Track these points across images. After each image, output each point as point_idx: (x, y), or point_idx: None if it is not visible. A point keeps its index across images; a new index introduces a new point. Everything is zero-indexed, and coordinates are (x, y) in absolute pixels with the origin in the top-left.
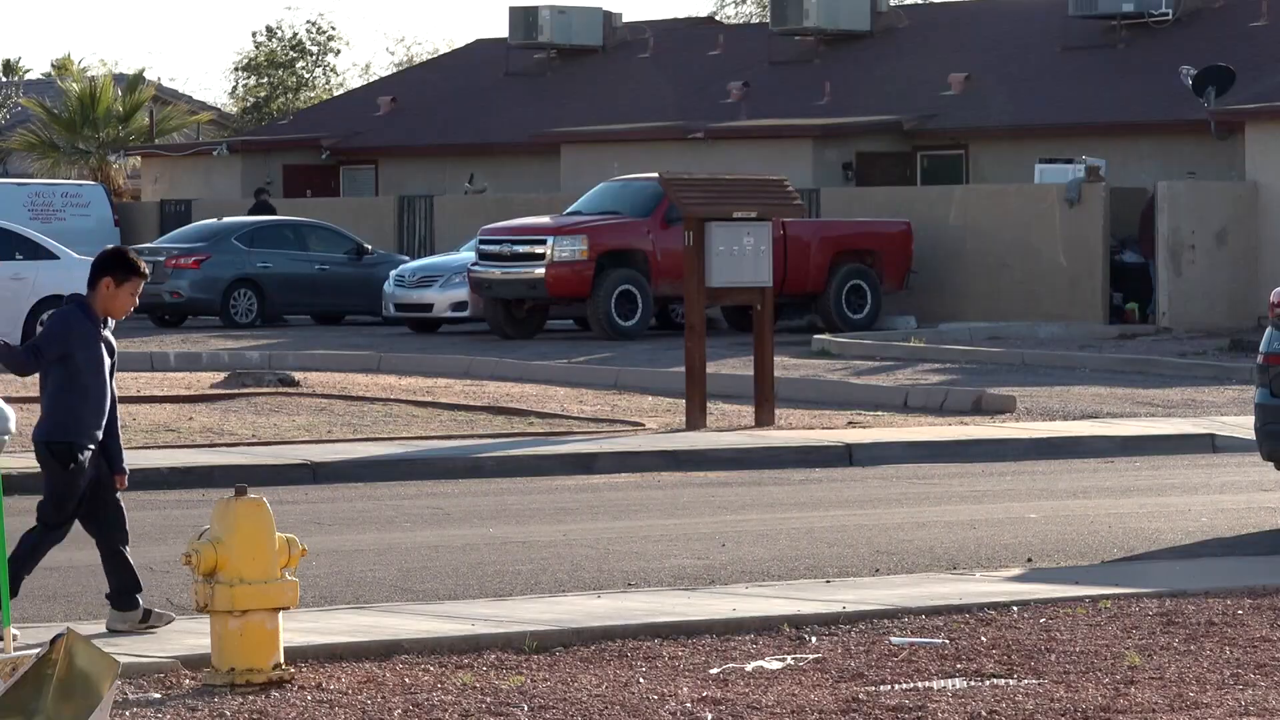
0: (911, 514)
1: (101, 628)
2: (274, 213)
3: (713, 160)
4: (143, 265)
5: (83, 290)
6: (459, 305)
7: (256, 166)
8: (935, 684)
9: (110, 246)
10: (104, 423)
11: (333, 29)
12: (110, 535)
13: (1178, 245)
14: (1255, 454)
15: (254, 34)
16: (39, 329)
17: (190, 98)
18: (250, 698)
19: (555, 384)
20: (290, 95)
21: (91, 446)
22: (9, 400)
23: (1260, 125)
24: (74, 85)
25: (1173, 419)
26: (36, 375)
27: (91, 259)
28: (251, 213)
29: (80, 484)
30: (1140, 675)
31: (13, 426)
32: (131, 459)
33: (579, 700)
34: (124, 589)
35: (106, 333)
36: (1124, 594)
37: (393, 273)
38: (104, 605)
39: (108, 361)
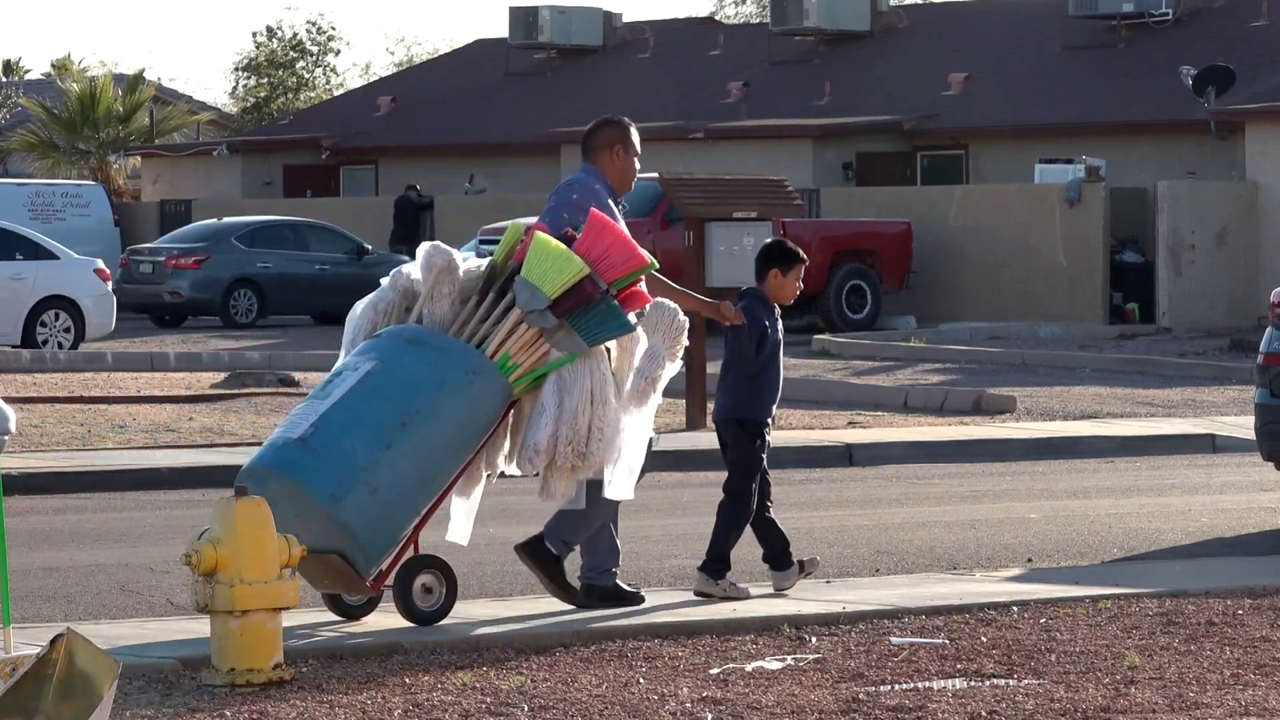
0: (911, 514)
1: (101, 627)
2: (425, 209)
3: (713, 160)
4: (800, 252)
5: (80, 290)
6: None
7: (256, 166)
8: (935, 684)
9: (771, 239)
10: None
11: (333, 29)
12: (762, 503)
13: (1178, 245)
14: (1255, 454)
15: (254, 34)
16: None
17: (190, 98)
18: (250, 698)
19: None
20: (290, 95)
21: (771, 422)
22: (9, 400)
23: (1260, 125)
24: (74, 85)
25: (1173, 419)
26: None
27: (91, 259)
28: (398, 208)
29: (764, 458)
30: (1140, 675)
31: (13, 426)
32: (131, 459)
33: (579, 700)
34: (779, 551)
35: (778, 319)
36: (1124, 594)
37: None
38: (104, 605)
39: (781, 346)
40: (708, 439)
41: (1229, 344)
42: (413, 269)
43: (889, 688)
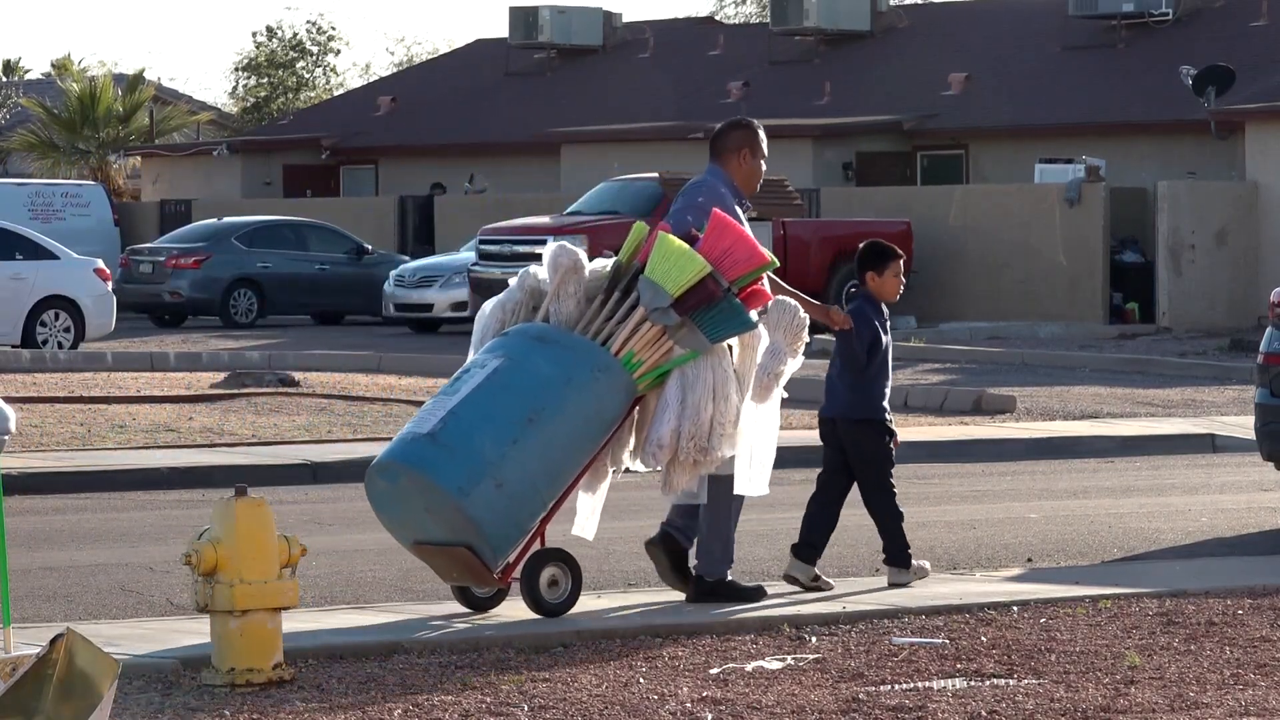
0: (911, 514)
1: (101, 627)
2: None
3: None
4: (896, 249)
5: (80, 290)
6: (459, 305)
7: (256, 166)
8: (935, 684)
9: (867, 241)
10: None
11: (333, 29)
12: (836, 497)
13: (1178, 245)
14: (1255, 454)
15: (254, 34)
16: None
17: (190, 98)
18: (250, 698)
19: None
20: (290, 95)
21: (889, 418)
22: (9, 400)
23: (1260, 125)
24: (74, 85)
25: (1173, 419)
26: None
27: (91, 259)
28: (422, 206)
29: (890, 448)
30: (1140, 675)
31: (13, 426)
32: (131, 459)
33: (579, 700)
34: (812, 544)
35: (887, 319)
36: (1124, 594)
37: (393, 273)
38: (104, 605)
39: (891, 344)
40: None
41: (1229, 344)
42: (539, 269)
43: (889, 688)
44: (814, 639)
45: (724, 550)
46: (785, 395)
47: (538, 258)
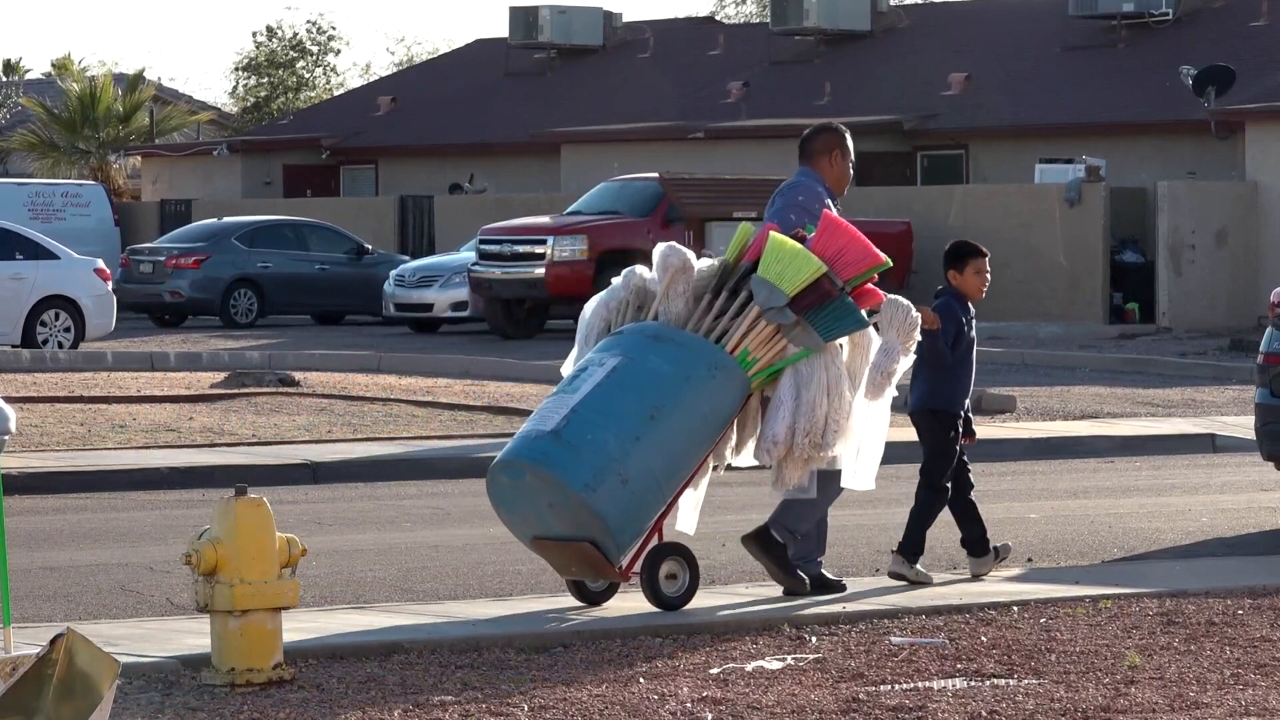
0: None
1: (101, 627)
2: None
3: (713, 160)
4: (980, 247)
5: (80, 290)
6: (459, 305)
7: (256, 166)
8: (935, 684)
9: (955, 240)
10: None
11: (333, 29)
12: (962, 489)
13: (1178, 245)
14: (1255, 454)
15: (254, 34)
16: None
17: (190, 98)
18: (250, 698)
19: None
20: (290, 95)
21: (964, 414)
22: (9, 400)
23: (1260, 125)
24: (74, 85)
25: (1173, 419)
26: None
27: (91, 259)
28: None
29: (955, 446)
30: (1140, 675)
31: (13, 426)
32: (131, 459)
33: (579, 700)
34: (977, 537)
35: (972, 315)
36: (1124, 594)
37: (393, 273)
38: (104, 605)
39: (975, 341)
40: None
41: (1229, 344)
42: (644, 269)
43: (889, 688)
44: (814, 639)
45: (815, 545)
46: (895, 394)
47: (538, 257)
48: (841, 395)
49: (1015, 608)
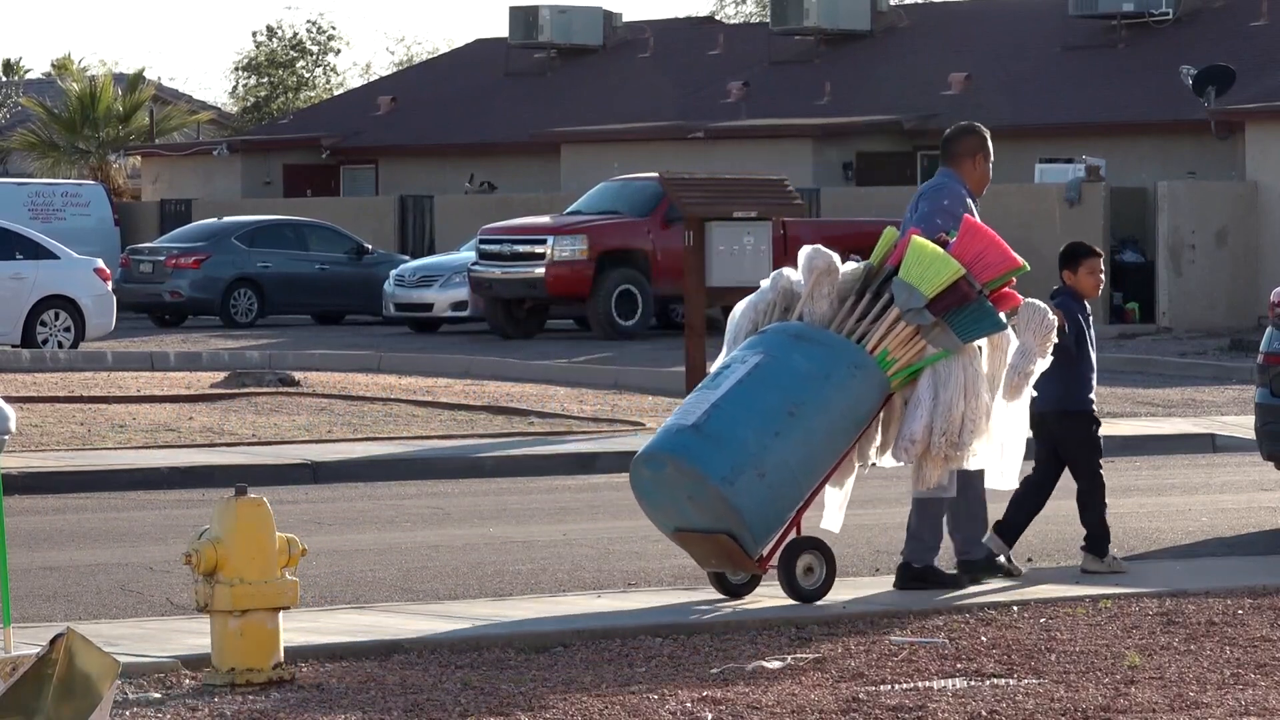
0: None
1: (101, 627)
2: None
3: (713, 160)
4: (1093, 248)
5: (80, 290)
6: (459, 305)
7: (256, 166)
8: (935, 684)
9: (1070, 242)
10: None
11: (333, 29)
12: (1044, 488)
13: (1178, 245)
14: (1255, 454)
15: (254, 34)
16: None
17: (190, 97)
18: (250, 698)
19: (555, 384)
20: (290, 95)
21: (1094, 408)
22: (9, 400)
23: (1260, 125)
24: (74, 85)
25: (1173, 419)
26: None
27: (91, 259)
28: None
29: (1098, 436)
30: (1140, 675)
31: (13, 426)
32: (131, 459)
33: (579, 700)
34: (1015, 528)
35: (1089, 313)
36: (1124, 594)
37: (393, 273)
38: (104, 605)
39: (1094, 338)
40: None
41: (1229, 344)
42: (792, 271)
43: (889, 687)
44: (814, 639)
45: (932, 538)
46: (1034, 394)
47: (538, 257)
48: (979, 395)
49: (1015, 608)
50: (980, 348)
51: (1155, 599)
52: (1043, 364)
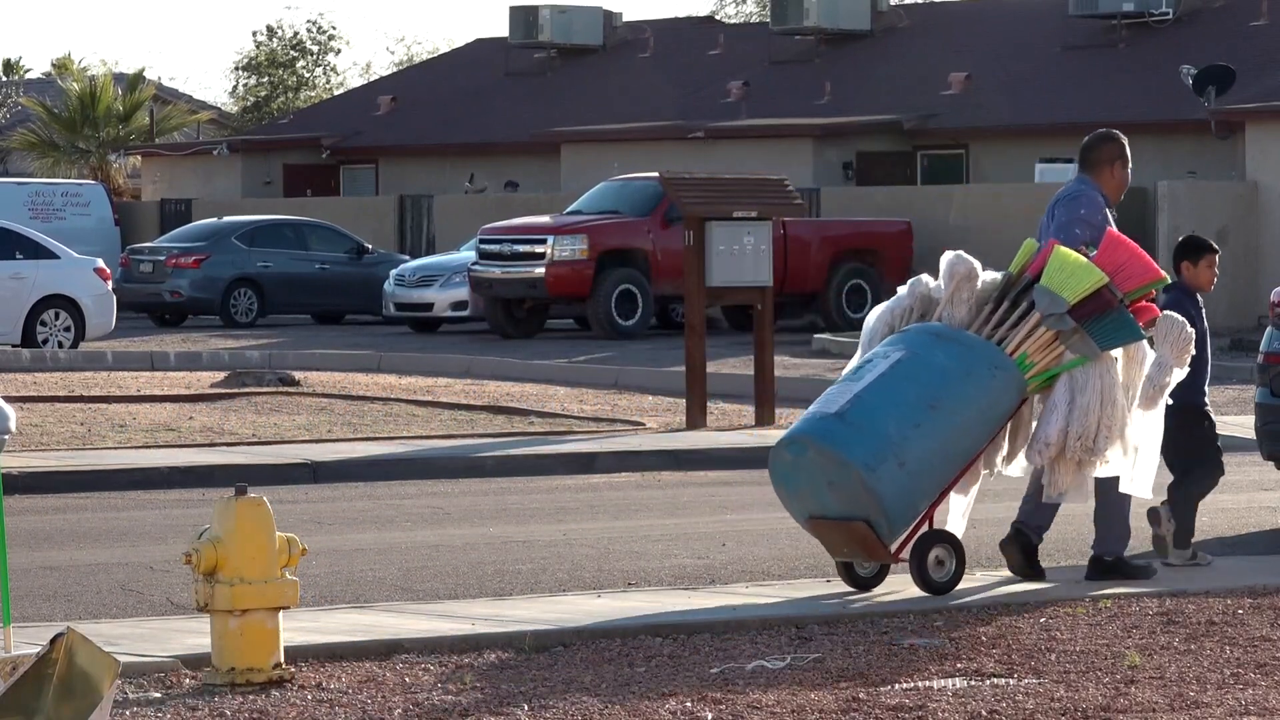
0: None
1: (101, 627)
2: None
3: (713, 160)
4: (1209, 242)
5: (80, 290)
6: (459, 305)
7: (256, 166)
8: (935, 684)
9: (1185, 236)
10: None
11: (333, 29)
12: (1197, 485)
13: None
14: (1255, 454)
15: (254, 33)
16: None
17: (190, 97)
18: (250, 697)
19: (555, 383)
20: (290, 95)
21: (1208, 403)
22: (9, 399)
23: (1260, 125)
24: (74, 85)
25: None
26: None
27: (91, 259)
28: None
29: (1214, 430)
30: (1140, 675)
31: (13, 426)
32: (131, 459)
33: (579, 700)
34: (1186, 530)
35: (1202, 308)
36: (1124, 593)
37: (393, 272)
38: (104, 605)
39: (1208, 333)
40: (707, 439)
41: (1229, 344)
42: (929, 277)
43: (889, 687)
44: (814, 639)
45: (1121, 530)
46: (1170, 403)
47: (538, 257)
48: (1115, 403)
49: (1015, 608)
50: (1117, 358)
51: (1155, 599)
52: (1179, 375)
